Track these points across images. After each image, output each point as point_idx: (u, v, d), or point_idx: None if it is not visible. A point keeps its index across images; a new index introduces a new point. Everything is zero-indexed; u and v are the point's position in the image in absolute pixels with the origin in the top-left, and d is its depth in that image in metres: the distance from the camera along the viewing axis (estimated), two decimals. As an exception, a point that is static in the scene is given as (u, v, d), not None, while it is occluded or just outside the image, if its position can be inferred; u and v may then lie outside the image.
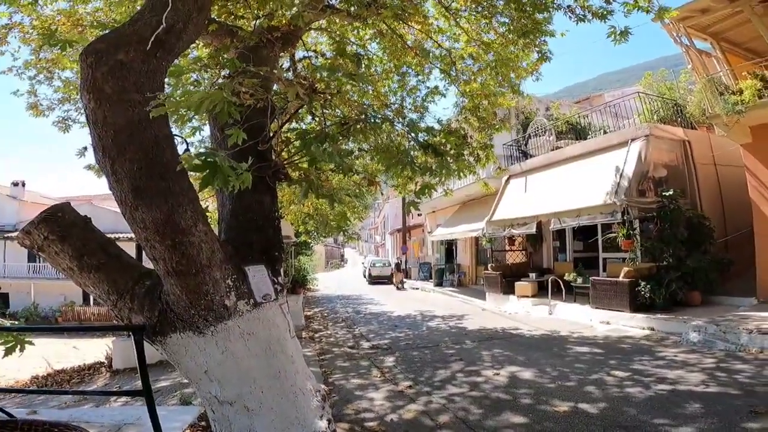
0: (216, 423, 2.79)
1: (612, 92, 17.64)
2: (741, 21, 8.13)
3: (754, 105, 7.38)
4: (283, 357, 2.85)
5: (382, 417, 4.17)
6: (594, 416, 3.80)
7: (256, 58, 3.36)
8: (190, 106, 2.13)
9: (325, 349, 7.65)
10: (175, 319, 2.50)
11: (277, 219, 3.29)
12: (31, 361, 6.25)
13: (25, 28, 5.00)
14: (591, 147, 11.18)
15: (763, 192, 8.02)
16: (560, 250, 13.33)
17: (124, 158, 2.20)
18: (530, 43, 5.61)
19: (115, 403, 4.70)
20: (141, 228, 2.30)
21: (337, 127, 3.85)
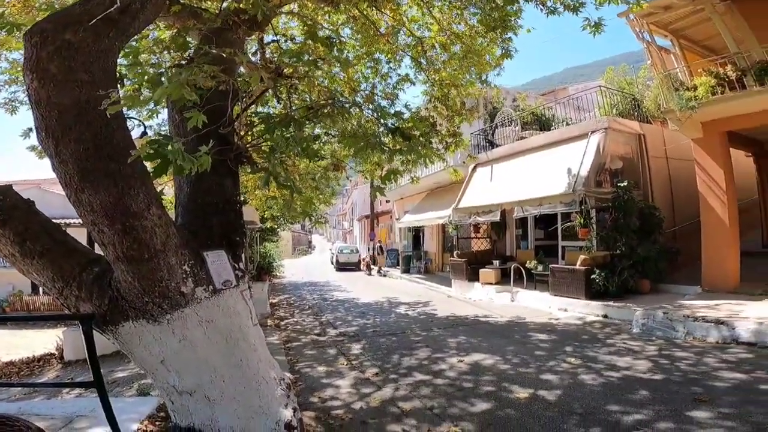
0: (176, 413, 2.73)
1: (576, 86, 18.16)
2: (701, 19, 8.46)
3: (707, 101, 7.72)
4: (245, 345, 2.81)
5: (349, 405, 4.19)
6: (552, 403, 3.96)
7: (220, 40, 3.23)
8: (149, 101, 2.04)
9: (292, 337, 7.59)
10: (127, 308, 2.42)
11: (238, 203, 3.21)
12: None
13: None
14: (554, 138, 11.50)
15: (710, 185, 8.50)
16: (522, 238, 13.74)
17: (69, 139, 2.10)
18: (496, 37, 5.68)
19: (68, 395, 4.50)
20: (88, 211, 2.20)
21: (304, 111, 3.76)
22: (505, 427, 3.51)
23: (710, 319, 6.05)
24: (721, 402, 3.71)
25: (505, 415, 3.77)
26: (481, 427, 3.54)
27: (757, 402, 3.66)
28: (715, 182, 8.44)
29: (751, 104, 7.56)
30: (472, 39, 6.08)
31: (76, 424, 2.90)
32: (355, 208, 39.24)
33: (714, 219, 8.45)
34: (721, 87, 7.69)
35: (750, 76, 7.40)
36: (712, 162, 8.50)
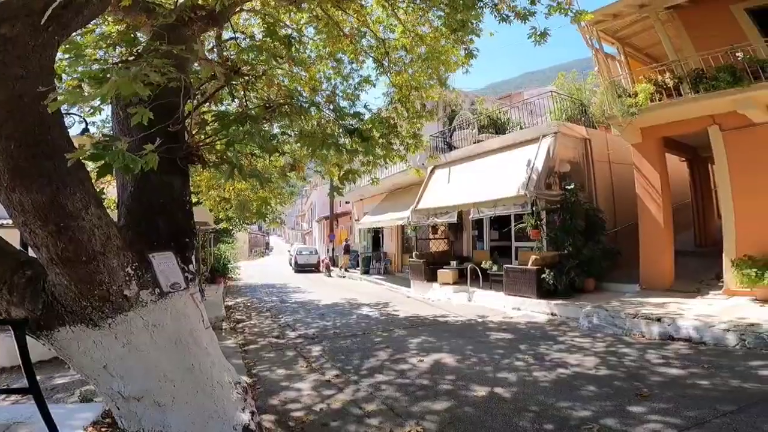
0: (123, 419, 2.62)
1: (531, 90, 18.88)
2: (645, 27, 8.99)
3: (646, 108, 8.21)
4: (197, 349, 2.74)
5: (310, 407, 4.14)
6: (508, 400, 4.11)
7: (174, 36, 3.13)
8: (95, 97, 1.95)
9: (249, 340, 7.40)
10: (63, 312, 2.31)
11: (188, 203, 3.11)
12: None
13: None
14: (508, 141, 11.90)
15: (647, 188, 9.11)
16: (478, 239, 14.12)
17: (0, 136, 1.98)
18: (459, 39, 5.84)
19: (3, 402, 4.18)
20: (19, 211, 2.09)
21: (261, 109, 3.70)
22: (465, 425, 3.60)
23: (651, 316, 6.49)
24: (660, 397, 3.96)
25: (464, 413, 3.87)
26: (442, 425, 3.61)
27: (692, 396, 3.94)
28: (651, 185, 9.05)
29: (686, 111, 8.09)
30: (436, 41, 6.21)
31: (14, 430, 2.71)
32: (314, 209, 38.81)
33: (650, 220, 9.05)
34: (659, 94, 8.15)
35: (686, 83, 7.87)
36: (649, 166, 9.10)
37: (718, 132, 7.98)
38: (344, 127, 4.28)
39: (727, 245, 7.78)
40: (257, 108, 3.73)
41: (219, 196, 10.18)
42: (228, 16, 4.42)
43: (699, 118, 8.09)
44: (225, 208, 11.00)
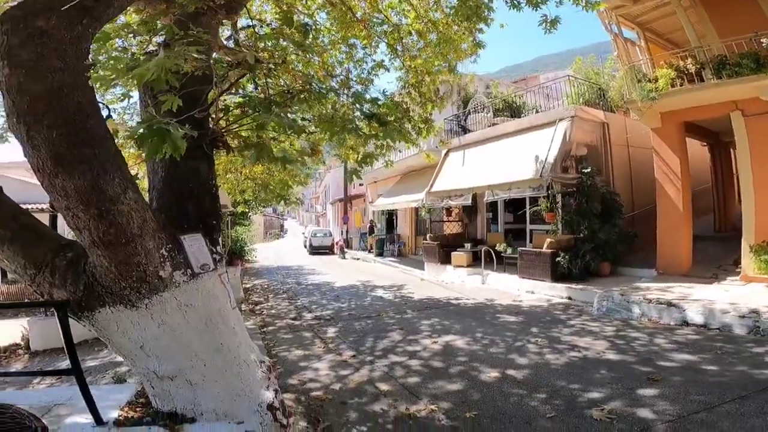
0: (157, 398, 2.75)
1: (547, 74, 18.52)
2: (666, 12, 8.81)
3: (667, 93, 8.12)
4: (225, 329, 2.84)
5: (328, 386, 4.30)
6: (520, 381, 4.20)
7: (196, 25, 3.18)
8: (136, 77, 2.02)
9: (267, 322, 7.62)
10: (103, 293, 2.40)
11: (214, 187, 3.21)
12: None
13: None
14: (523, 125, 11.79)
15: (666, 172, 8.99)
16: (493, 222, 14.12)
17: (41, 125, 2.06)
18: (470, 27, 5.78)
19: (40, 384, 4.42)
20: (62, 196, 2.17)
21: (281, 96, 3.76)
22: (477, 405, 3.71)
23: (663, 301, 6.49)
24: (670, 381, 4.01)
25: (477, 393, 3.98)
26: (455, 405, 3.73)
27: (701, 381, 3.98)
28: (671, 170, 8.92)
29: (708, 97, 7.97)
30: (448, 27, 6.15)
31: (55, 412, 2.86)
32: (328, 192, 38.99)
33: (669, 204, 8.95)
34: (680, 79, 8.07)
35: (708, 69, 7.76)
36: (669, 150, 8.96)
37: (740, 117, 7.82)
38: (362, 112, 4.32)
39: (746, 231, 7.67)
40: (277, 94, 3.80)
41: (237, 179, 10.35)
42: (244, 3, 4.45)
43: (721, 103, 7.96)
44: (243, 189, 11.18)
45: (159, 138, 1.97)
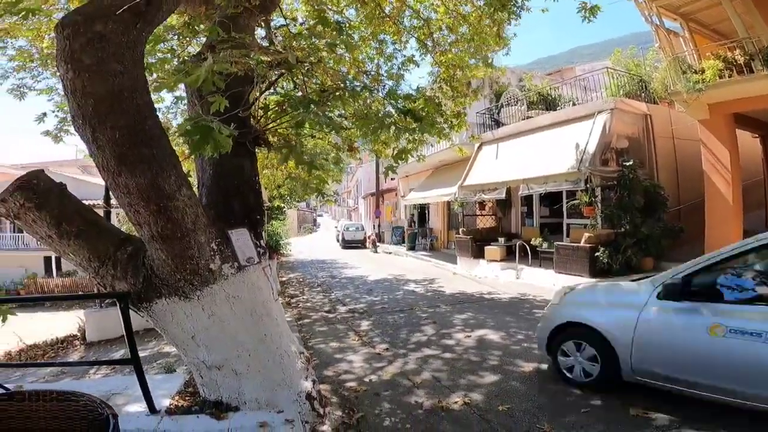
0: (204, 387, 2.90)
1: (582, 66, 17.93)
2: (711, 3, 8.46)
3: (714, 84, 7.81)
4: (268, 320, 2.96)
5: (362, 378, 4.40)
6: (555, 376, 4.14)
7: (234, 25, 3.29)
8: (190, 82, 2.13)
9: (303, 314, 7.83)
10: (160, 285, 2.55)
11: (257, 183, 3.34)
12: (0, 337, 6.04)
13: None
14: (560, 117, 11.48)
15: (715, 165, 8.56)
16: (528, 216, 13.85)
17: (105, 126, 2.19)
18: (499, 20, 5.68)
19: (95, 374, 4.71)
20: (124, 193, 2.31)
21: (317, 94, 3.84)
22: (512, 398, 3.71)
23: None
24: None
25: (510, 386, 3.98)
26: (489, 398, 3.75)
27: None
28: (720, 162, 8.50)
29: (758, 88, 7.64)
30: (479, 20, 6.07)
31: (114, 401, 3.06)
32: (360, 186, 39.27)
33: (718, 198, 8.53)
34: (728, 70, 7.78)
35: (758, 60, 7.49)
36: (717, 142, 8.56)
37: (792, 109, 7.38)
38: (397, 108, 4.35)
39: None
40: (313, 93, 3.89)
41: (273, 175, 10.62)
42: (277, 3, 4.55)
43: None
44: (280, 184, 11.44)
45: (202, 135, 2.07)
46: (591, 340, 3.75)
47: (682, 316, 3.28)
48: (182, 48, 5.11)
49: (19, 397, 1.73)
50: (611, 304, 3.89)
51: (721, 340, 3.01)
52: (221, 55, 2.34)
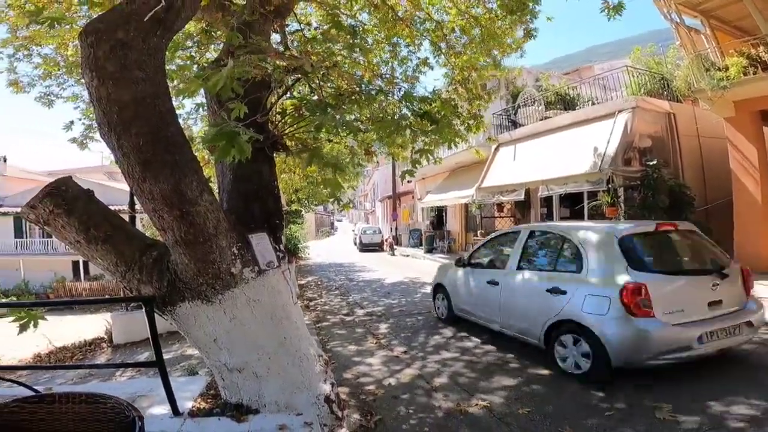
0: (226, 390, 2.94)
1: (601, 64, 17.60)
2: (731, 0, 8.19)
3: (739, 81, 7.61)
4: (288, 323, 2.98)
5: (381, 381, 4.39)
6: (573, 377, 4.07)
7: (252, 32, 3.34)
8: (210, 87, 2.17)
9: (321, 317, 7.87)
10: (183, 289, 2.59)
11: (276, 188, 3.38)
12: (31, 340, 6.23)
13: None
14: (579, 117, 11.30)
15: (743, 163, 8.31)
16: (548, 217, 13.62)
17: (129, 133, 2.24)
18: (516, 20, 5.63)
19: (121, 377, 4.81)
20: (149, 199, 2.36)
21: (333, 98, 3.88)
22: (532, 401, 3.65)
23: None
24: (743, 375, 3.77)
25: (531, 389, 3.91)
26: (509, 400, 3.69)
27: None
28: (748, 160, 8.26)
29: None
30: (491, 22, 6.03)
31: (139, 403, 3.12)
32: (376, 189, 39.36)
33: (747, 197, 8.28)
34: (753, 67, 7.61)
35: None
36: (744, 140, 8.33)
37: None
38: (413, 111, 4.35)
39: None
40: (329, 97, 3.92)
41: (291, 180, 10.73)
42: (291, 7, 4.61)
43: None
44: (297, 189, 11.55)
45: (228, 141, 2.10)
46: (443, 293, 6.71)
47: (464, 275, 6.07)
48: (201, 54, 5.23)
49: (49, 399, 1.78)
50: (446, 271, 6.85)
51: (487, 289, 5.41)
52: (240, 60, 2.37)
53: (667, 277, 4.00)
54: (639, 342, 3.68)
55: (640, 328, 3.65)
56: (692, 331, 3.70)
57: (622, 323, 3.71)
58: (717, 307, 3.94)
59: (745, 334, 4.03)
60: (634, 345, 3.70)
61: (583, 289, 4.09)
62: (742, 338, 4.04)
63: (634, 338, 3.68)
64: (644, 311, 3.69)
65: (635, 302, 3.69)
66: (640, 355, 3.71)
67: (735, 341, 3.98)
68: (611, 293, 3.83)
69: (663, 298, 3.76)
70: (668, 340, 3.68)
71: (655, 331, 3.64)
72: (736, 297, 4.17)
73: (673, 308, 3.77)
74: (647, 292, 3.72)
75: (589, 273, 4.15)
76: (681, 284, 4.02)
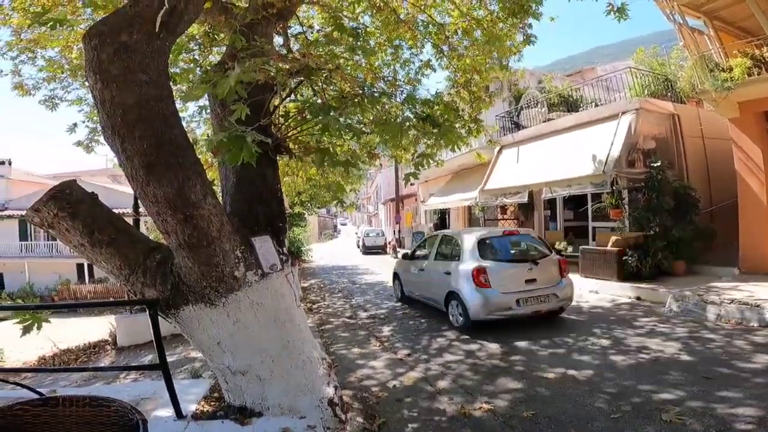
0: (229, 393, 2.93)
1: (604, 66, 17.56)
2: (735, 0, 8.18)
3: (743, 82, 7.54)
4: (291, 326, 2.98)
5: (384, 384, 4.38)
6: (582, 382, 4.04)
7: (254, 34, 3.34)
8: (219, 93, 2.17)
9: (324, 320, 7.86)
10: (187, 292, 2.59)
11: (279, 191, 3.38)
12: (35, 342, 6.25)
13: (3, 9, 4.88)
14: (583, 119, 11.26)
15: (748, 164, 8.23)
16: (551, 219, 13.58)
17: (133, 136, 2.24)
18: (517, 23, 5.62)
19: (125, 379, 4.81)
20: (152, 203, 2.36)
21: (336, 101, 3.87)
22: (536, 405, 3.61)
23: (744, 301, 5.93)
24: (751, 383, 3.71)
25: (535, 393, 3.88)
26: (513, 404, 3.67)
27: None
28: (753, 161, 8.19)
29: None
30: (493, 24, 6.02)
31: (143, 406, 3.12)
32: (379, 192, 39.34)
33: (752, 198, 8.20)
34: (757, 68, 7.51)
35: None
36: (749, 141, 8.25)
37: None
38: (416, 114, 4.34)
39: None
40: (332, 99, 3.92)
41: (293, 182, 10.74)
42: (293, 10, 4.62)
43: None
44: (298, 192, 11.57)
45: (237, 145, 2.10)
46: (398, 279, 8.85)
47: (407, 265, 8.24)
48: (204, 57, 5.24)
49: (53, 402, 1.77)
50: (400, 264, 8.88)
51: (419, 273, 7.65)
52: (246, 64, 2.37)
53: (500, 263, 6.26)
54: (483, 304, 5.89)
55: (483, 295, 5.89)
56: (512, 297, 5.94)
57: (475, 292, 5.95)
58: (532, 283, 6.09)
59: (553, 303, 6.18)
60: (481, 306, 5.90)
61: (459, 271, 6.31)
62: (550, 305, 6.17)
63: (481, 301, 5.90)
64: (485, 285, 5.93)
65: (480, 278, 5.95)
66: (485, 313, 5.90)
67: (544, 307, 6.10)
68: (466, 272, 6.07)
69: (497, 276, 6.00)
70: (499, 303, 5.90)
71: (492, 297, 5.88)
72: (550, 278, 6.28)
73: (502, 283, 5.98)
74: (487, 272, 5.98)
75: (462, 262, 6.38)
76: (507, 268, 6.27)
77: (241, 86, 2.33)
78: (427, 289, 7.50)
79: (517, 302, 5.89)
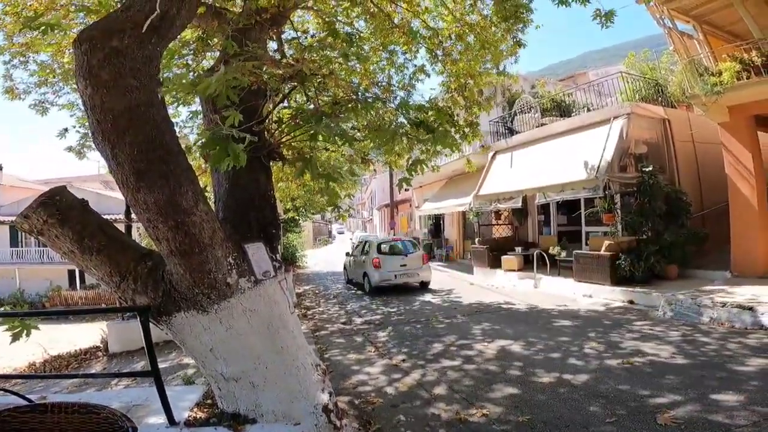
0: (222, 400, 2.90)
1: (596, 70, 17.73)
2: (724, 4, 8.30)
3: (732, 86, 7.62)
4: (285, 333, 2.95)
5: (380, 390, 4.36)
6: (577, 387, 4.04)
7: (247, 39, 3.34)
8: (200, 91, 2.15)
9: (319, 326, 7.82)
10: (179, 299, 2.56)
11: (272, 197, 3.36)
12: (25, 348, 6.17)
13: (-5, 13, 4.85)
14: (575, 124, 11.34)
15: (738, 168, 8.32)
16: (545, 224, 13.65)
17: (124, 142, 2.22)
18: (509, 28, 5.67)
19: (117, 386, 4.75)
20: (143, 209, 2.33)
21: (330, 106, 3.87)
22: (531, 409, 3.61)
23: (736, 304, 5.97)
24: (747, 386, 3.73)
25: (531, 397, 3.88)
26: (508, 409, 3.66)
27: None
28: (743, 165, 8.27)
29: None
30: (486, 29, 6.07)
31: (135, 413, 3.08)
32: (374, 197, 39.34)
33: (743, 202, 8.27)
34: (746, 72, 7.58)
35: None
36: (739, 145, 8.33)
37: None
38: (410, 120, 4.35)
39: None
40: (326, 105, 3.92)
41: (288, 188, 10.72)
42: (287, 15, 4.63)
43: (792, 95, 7.32)
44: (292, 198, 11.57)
45: (221, 147, 2.08)
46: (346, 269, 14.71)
47: (348, 258, 14.43)
48: (197, 63, 5.24)
49: (41, 409, 1.75)
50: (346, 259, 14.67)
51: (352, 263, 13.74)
52: (233, 66, 2.37)
53: (387, 256, 11.59)
54: (378, 278, 11.27)
55: (378, 272, 11.27)
56: (392, 274, 11.30)
57: (374, 271, 11.33)
58: (404, 267, 11.44)
59: (415, 279, 11.62)
60: (378, 278, 11.27)
61: (367, 260, 11.68)
62: (414, 279, 11.63)
63: (377, 276, 11.27)
64: (379, 267, 11.31)
65: (376, 264, 11.33)
66: (378, 282, 11.24)
67: (411, 280, 11.58)
68: (371, 261, 11.42)
69: (384, 262, 11.40)
70: (386, 277, 11.29)
71: (382, 274, 11.28)
72: (416, 263, 11.66)
73: (387, 266, 11.34)
74: (380, 260, 11.37)
75: (368, 255, 11.73)
76: (390, 258, 11.55)
77: (233, 91, 2.32)
78: (354, 274, 13.23)
79: (395, 276, 11.25)
